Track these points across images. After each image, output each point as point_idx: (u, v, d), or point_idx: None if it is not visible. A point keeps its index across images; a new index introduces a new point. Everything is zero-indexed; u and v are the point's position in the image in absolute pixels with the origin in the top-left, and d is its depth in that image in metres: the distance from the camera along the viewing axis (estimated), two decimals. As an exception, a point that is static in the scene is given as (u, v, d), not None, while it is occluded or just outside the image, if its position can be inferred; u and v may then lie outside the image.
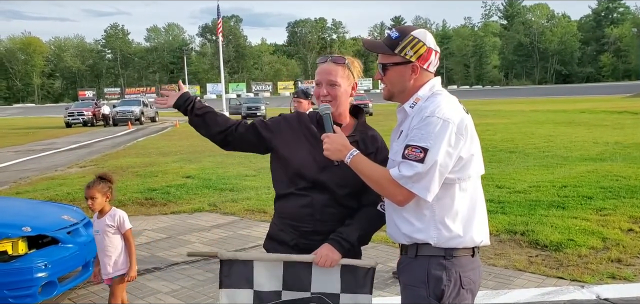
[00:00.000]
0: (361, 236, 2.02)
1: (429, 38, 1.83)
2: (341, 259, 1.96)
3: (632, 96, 51.06)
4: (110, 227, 3.26)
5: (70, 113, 33.07)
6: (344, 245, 1.97)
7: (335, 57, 2.09)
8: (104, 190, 3.25)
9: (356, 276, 1.98)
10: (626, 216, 5.69)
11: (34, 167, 12.49)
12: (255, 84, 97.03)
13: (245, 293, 2.00)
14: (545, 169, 9.05)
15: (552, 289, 3.85)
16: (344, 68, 2.05)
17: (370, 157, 1.97)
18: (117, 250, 3.28)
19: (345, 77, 2.04)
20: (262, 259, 2.03)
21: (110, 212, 3.29)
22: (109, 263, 3.27)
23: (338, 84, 2.02)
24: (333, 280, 1.97)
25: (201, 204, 7.30)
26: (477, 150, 1.82)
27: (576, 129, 17.10)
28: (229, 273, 2.02)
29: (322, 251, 1.95)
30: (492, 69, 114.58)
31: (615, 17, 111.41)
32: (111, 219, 3.27)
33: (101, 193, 3.23)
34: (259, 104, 37.05)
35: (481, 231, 1.83)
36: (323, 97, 2.03)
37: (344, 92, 2.04)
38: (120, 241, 3.29)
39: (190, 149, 15.28)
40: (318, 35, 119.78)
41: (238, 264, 2.02)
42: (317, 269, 1.96)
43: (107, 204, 3.29)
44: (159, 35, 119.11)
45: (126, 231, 3.29)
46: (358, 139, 2.04)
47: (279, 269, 1.98)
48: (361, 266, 1.99)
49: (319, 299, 1.97)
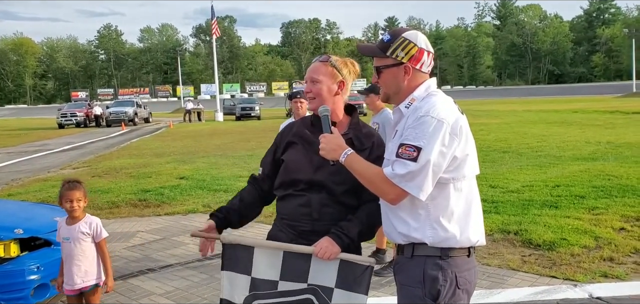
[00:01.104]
0: (361, 231, 2.04)
1: (420, 39, 1.86)
2: (340, 254, 1.98)
3: (623, 96, 51.49)
4: (85, 235, 3.04)
5: (63, 114, 32.90)
6: (344, 239, 1.99)
7: (321, 56, 2.19)
8: (85, 194, 3.09)
9: (353, 272, 1.99)
10: (618, 215, 5.74)
11: (26, 169, 12.40)
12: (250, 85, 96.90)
13: (242, 278, 2.05)
14: (538, 169, 9.11)
15: (545, 288, 3.87)
16: (327, 66, 2.13)
17: (365, 152, 2.02)
18: (88, 259, 3.04)
19: (328, 74, 2.11)
20: (263, 246, 2.06)
21: (84, 219, 3.07)
22: (78, 273, 3.02)
23: (319, 81, 2.11)
24: (330, 274, 1.99)
25: (195, 206, 7.28)
26: (472, 150, 1.83)
27: (569, 129, 17.22)
28: (231, 256, 2.07)
29: (323, 243, 1.98)
30: (485, 70, 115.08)
31: (607, 17, 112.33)
32: (87, 227, 3.05)
33: (84, 197, 3.07)
34: (253, 105, 37.04)
35: (477, 231, 1.85)
36: (307, 93, 2.15)
37: (327, 89, 2.10)
38: (93, 250, 3.06)
39: (184, 150, 15.23)
40: (312, 35, 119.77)
41: (240, 249, 2.06)
42: (315, 261, 1.99)
43: (82, 211, 3.10)
44: (153, 35, 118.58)
45: (102, 240, 3.08)
46: (352, 136, 2.09)
47: (278, 259, 2.01)
48: (359, 263, 2.00)
49: (313, 290, 1.99)
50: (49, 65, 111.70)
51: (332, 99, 2.11)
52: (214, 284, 4.17)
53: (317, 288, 1.99)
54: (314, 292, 1.99)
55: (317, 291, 1.99)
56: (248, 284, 2.03)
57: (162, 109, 60.75)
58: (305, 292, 1.99)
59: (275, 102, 65.05)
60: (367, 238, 2.11)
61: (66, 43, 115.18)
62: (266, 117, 35.92)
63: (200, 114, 36.72)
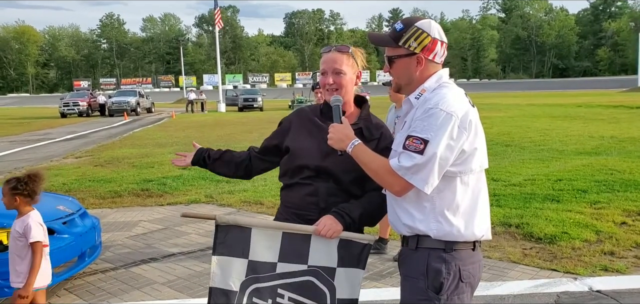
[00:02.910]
0: (363, 214, 2.03)
1: (434, 28, 1.82)
2: (342, 232, 1.97)
3: (628, 91, 51.22)
4: (17, 234, 2.84)
5: (65, 103, 32.92)
6: (346, 219, 1.98)
7: (339, 46, 2.12)
8: (7, 191, 2.86)
9: (352, 251, 1.99)
10: (620, 210, 5.73)
11: (29, 158, 12.44)
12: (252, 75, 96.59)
13: (239, 262, 1.96)
14: (541, 163, 9.10)
15: (546, 281, 3.88)
16: (349, 56, 2.09)
17: (373, 143, 2.01)
18: (23, 261, 2.84)
19: (350, 65, 2.09)
20: (261, 226, 2.00)
21: (23, 216, 2.86)
22: (14, 271, 2.86)
23: (343, 72, 2.06)
24: (330, 254, 1.97)
25: (197, 196, 7.30)
26: (482, 144, 1.80)
27: (572, 123, 17.16)
28: (225, 240, 1.97)
29: (326, 221, 1.96)
30: (489, 63, 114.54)
31: (613, 11, 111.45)
32: (20, 225, 2.84)
33: (7, 194, 2.87)
34: (255, 95, 36.98)
35: (482, 225, 1.82)
36: (329, 85, 2.06)
37: (350, 80, 2.08)
38: (28, 252, 2.84)
39: (186, 140, 15.25)
40: (315, 26, 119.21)
41: (235, 232, 1.97)
42: (315, 242, 1.95)
43: (27, 206, 2.89)
44: (155, 25, 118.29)
45: (32, 242, 2.81)
46: (361, 126, 2.08)
47: (276, 241, 1.96)
48: (358, 242, 1.99)
49: (314, 272, 1.96)
50: (51, 54, 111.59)
51: (352, 91, 2.10)
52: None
53: (318, 269, 1.97)
54: (315, 274, 1.97)
55: (319, 272, 1.97)
56: (245, 268, 1.95)
57: (165, 99, 60.76)
58: (305, 274, 1.96)
59: (278, 93, 64.95)
60: (368, 223, 2.11)
61: (68, 32, 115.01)
62: (269, 108, 35.90)
63: (203, 105, 36.71)
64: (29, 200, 2.92)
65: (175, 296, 3.88)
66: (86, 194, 7.52)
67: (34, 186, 2.92)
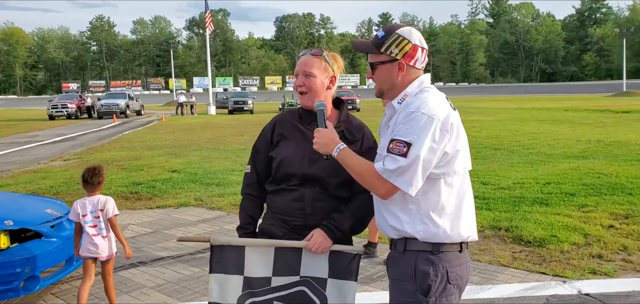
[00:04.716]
0: (354, 225, 2.06)
1: (414, 35, 1.86)
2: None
3: (613, 95, 51.98)
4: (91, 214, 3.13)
5: (53, 105, 32.51)
6: (336, 233, 2.01)
7: (314, 50, 2.14)
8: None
9: (342, 261, 2.02)
10: (607, 213, 5.80)
11: (16, 160, 12.27)
12: (243, 78, 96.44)
13: (235, 278, 2.03)
14: (530, 166, 9.18)
15: (535, 285, 3.91)
16: (321, 60, 2.10)
17: (356, 144, 2.04)
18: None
19: (322, 69, 2.09)
20: (254, 245, 2.05)
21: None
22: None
23: (314, 75, 2.08)
24: (321, 265, 2.02)
25: (187, 199, 7.25)
26: (464, 146, 1.84)
27: (560, 127, 17.36)
28: (220, 259, 2.04)
29: (317, 238, 1.99)
30: (478, 67, 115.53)
31: (598, 17, 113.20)
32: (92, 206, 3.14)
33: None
34: (246, 98, 36.85)
35: (468, 226, 1.86)
36: (299, 87, 2.09)
37: (320, 83, 2.08)
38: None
39: (176, 143, 15.15)
40: (306, 30, 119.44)
41: (230, 250, 2.04)
42: (306, 254, 2.01)
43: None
44: (146, 28, 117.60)
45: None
46: (343, 129, 2.09)
47: (270, 256, 2.02)
48: (348, 252, 2.03)
49: (306, 282, 2.01)
50: (39, 55, 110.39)
51: (324, 94, 2.10)
52: (205, 277, 4.16)
53: (310, 280, 2.01)
54: (307, 284, 2.01)
55: (310, 282, 2.01)
56: (241, 284, 2.02)
57: (155, 101, 60.32)
58: (298, 284, 2.01)
59: (268, 96, 64.82)
60: (358, 230, 2.13)
61: (57, 34, 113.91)
62: (259, 111, 35.81)
63: (192, 107, 36.52)
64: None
65: (165, 300, 3.84)
66: (74, 197, 7.38)
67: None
